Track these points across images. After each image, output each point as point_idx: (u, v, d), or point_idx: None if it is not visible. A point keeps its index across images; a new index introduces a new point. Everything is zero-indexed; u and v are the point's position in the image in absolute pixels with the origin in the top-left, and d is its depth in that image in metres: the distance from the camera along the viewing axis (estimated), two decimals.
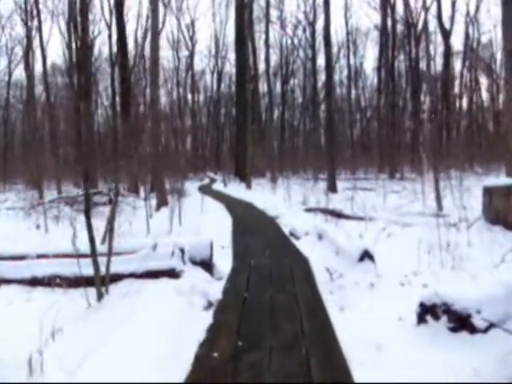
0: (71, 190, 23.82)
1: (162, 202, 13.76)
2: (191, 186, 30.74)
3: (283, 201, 15.96)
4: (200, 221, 11.42)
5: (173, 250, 5.65)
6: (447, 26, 31.05)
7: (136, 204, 15.94)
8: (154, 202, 15.35)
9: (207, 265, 6.24)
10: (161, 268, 5.49)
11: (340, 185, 21.06)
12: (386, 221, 9.86)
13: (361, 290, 5.50)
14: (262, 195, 18.97)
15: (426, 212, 10.33)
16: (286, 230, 9.96)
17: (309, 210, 12.86)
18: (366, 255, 6.33)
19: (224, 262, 7.01)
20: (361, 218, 10.65)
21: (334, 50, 45.77)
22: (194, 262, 6.19)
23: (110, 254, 5.09)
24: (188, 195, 20.87)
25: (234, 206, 15.60)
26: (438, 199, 10.87)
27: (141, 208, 14.84)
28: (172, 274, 5.51)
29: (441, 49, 44.78)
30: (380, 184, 23.11)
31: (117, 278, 5.41)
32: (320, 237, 8.21)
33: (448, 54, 29.79)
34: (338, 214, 11.22)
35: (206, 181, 38.59)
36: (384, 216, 10.42)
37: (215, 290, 5.41)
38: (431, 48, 44.17)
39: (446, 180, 19.72)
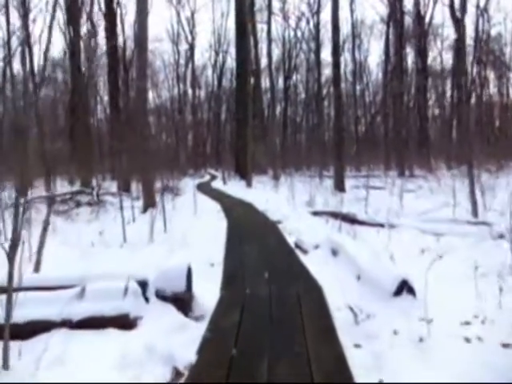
0: (62, 188, 22.03)
1: (149, 203, 11.90)
2: (190, 184, 28.82)
3: (286, 201, 14.07)
4: (190, 226, 9.55)
5: (126, 285, 3.76)
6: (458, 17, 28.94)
7: (125, 204, 14.10)
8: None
9: (181, 300, 4.35)
10: (106, 314, 3.60)
11: (347, 182, 19.15)
12: (413, 229, 7.97)
13: (404, 346, 3.62)
14: (263, 194, 17.06)
15: (460, 218, 8.40)
16: (291, 240, 8.07)
17: (316, 213, 10.97)
18: (405, 287, 4.45)
19: (210, 289, 5.15)
20: (380, 225, 8.75)
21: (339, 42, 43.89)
22: (164, 298, 4.31)
23: (10, 289, 3.16)
24: (184, 193, 19.04)
25: (232, 207, 13.72)
26: (474, 203, 8.93)
27: (128, 209, 13.01)
28: (124, 322, 3.63)
29: (447, 43, 42.90)
30: (390, 182, 21.26)
31: (41, 327, 3.55)
32: (335, 252, 6.31)
33: (463, 42, 27.67)
34: (351, 220, 9.32)
35: (207, 178, 36.72)
36: (408, 222, 8.51)
37: (188, 344, 3.55)
38: (438, 42, 42.20)
39: (461, 178, 17.80)
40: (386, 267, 4.88)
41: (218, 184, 26.07)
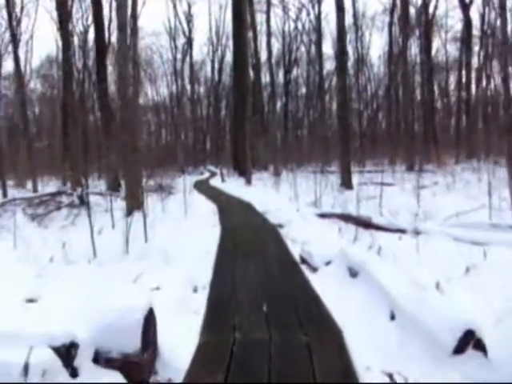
0: (52, 189, 20.62)
1: (134, 205, 10.38)
2: (187, 181, 27.34)
3: (289, 201, 12.54)
4: (177, 234, 8.04)
5: (26, 360, 2.24)
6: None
7: (112, 205, 12.59)
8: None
9: (135, 365, 2.85)
10: None
11: (352, 179, 17.53)
12: (443, 236, 6.43)
13: None
14: (264, 193, 15.54)
15: (501, 223, 6.84)
16: (295, 251, 6.56)
17: (323, 215, 9.42)
18: (470, 339, 2.93)
19: (185, 334, 3.67)
20: (401, 231, 7.23)
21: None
22: (108, 362, 2.80)
23: None
24: (178, 192, 17.50)
25: (229, 208, 12.21)
26: None
27: (115, 211, 11.52)
28: None
29: (449, 35, 41.15)
30: (399, 177, 19.68)
31: None
32: (353, 272, 4.79)
33: (469, 29, 26.04)
34: (366, 224, 7.79)
35: (206, 175, 35.20)
36: (436, 228, 6.97)
37: None
38: (442, 33, 40.41)
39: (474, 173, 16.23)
40: (434, 304, 3.35)
41: (216, 182, 24.53)
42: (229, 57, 43.71)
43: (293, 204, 11.89)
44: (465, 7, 25.24)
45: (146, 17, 66.86)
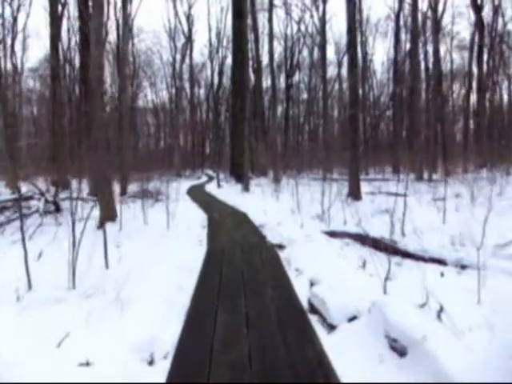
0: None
1: (106, 215, 8.55)
2: (181, 186, 25.51)
3: (291, 213, 10.70)
4: (150, 256, 6.21)
5: None
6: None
7: (90, 213, 10.75)
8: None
9: None
10: None
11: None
12: (505, 275, 4.60)
13: None
14: (262, 202, 13.69)
15: None
16: (301, 289, 4.74)
17: (333, 233, 7.56)
18: None
19: None
20: (439, 262, 5.40)
21: (343, 40, 40.45)
22: None
23: None
24: (168, 199, 15.63)
25: (221, 220, 10.37)
26: None
27: (90, 221, 9.70)
28: None
29: (455, 42, 39.44)
30: (410, 187, 17.85)
31: None
32: (399, 348, 2.94)
33: (481, 33, 24.27)
34: (391, 249, 5.94)
35: (203, 179, 33.40)
36: (488, 260, 5.12)
37: None
38: (447, 40, 38.66)
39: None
40: None
41: (212, 187, 22.67)
42: (230, 60, 42.04)
43: (295, 217, 10.05)
44: (477, 9, 23.52)
45: (146, 18, 65.32)
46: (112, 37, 37.07)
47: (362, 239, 6.81)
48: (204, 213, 11.92)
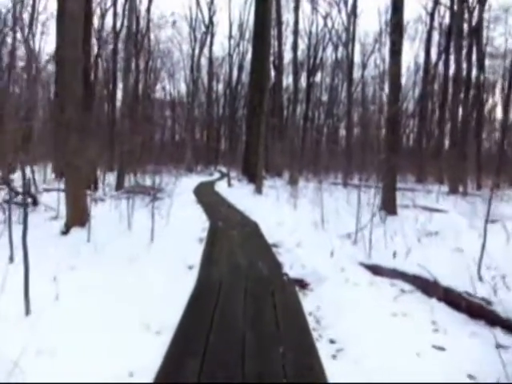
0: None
1: (74, 218, 6.36)
2: (191, 182, 23.28)
3: (313, 227, 8.37)
4: (107, 295, 3.98)
5: None
6: None
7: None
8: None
9: None
10: None
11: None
12: None
13: None
14: (277, 208, 11.41)
15: None
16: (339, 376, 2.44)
17: (377, 270, 5.20)
18: None
19: None
20: None
21: (369, 40, 37.82)
22: None
23: None
24: (170, 198, 13.40)
25: (225, 232, 8.10)
26: None
27: (60, 221, 7.53)
28: None
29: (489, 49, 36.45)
30: (445, 201, 15.34)
31: None
32: None
33: None
34: (477, 310, 3.62)
35: (215, 176, 31.22)
36: None
37: None
38: (473, 49, 35.88)
39: None
40: None
41: (222, 186, 20.42)
42: (250, 55, 39.71)
43: (319, 233, 7.73)
44: None
45: (167, 7, 63.39)
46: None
47: (425, 286, 4.47)
48: (207, 219, 9.66)
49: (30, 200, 9.61)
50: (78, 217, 6.41)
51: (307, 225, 8.57)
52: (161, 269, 4.99)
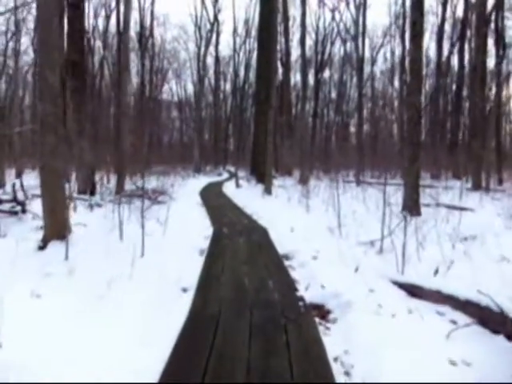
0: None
1: (53, 231, 5.40)
2: (198, 183, 22.36)
3: (329, 233, 7.31)
4: (62, 344, 2.98)
5: None
6: None
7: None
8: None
9: None
10: None
11: (399, 194, 11.77)
12: None
13: None
14: (288, 211, 10.36)
15: None
16: None
17: (414, 291, 4.14)
18: None
19: None
20: None
21: (379, 33, 36.44)
22: None
23: None
24: (174, 201, 12.41)
25: (229, 240, 7.07)
26: None
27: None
28: None
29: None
30: (468, 198, 14.10)
31: None
32: None
33: None
34: None
35: (223, 176, 30.26)
36: None
37: None
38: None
39: None
40: None
41: (230, 187, 19.41)
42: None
43: (336, 240, 6.66)
44: None
45: (173, 8, 62.61)
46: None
47: (484, 317, 3.38)
48: (211, 224, 8.65)
49: (19, 208, 8.74)
50: (56, 229, 5.43)
51: (322, 230, 7.51)
52: (145, 294, 3.98)
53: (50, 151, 5.31)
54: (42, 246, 5.48)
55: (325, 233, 7.28)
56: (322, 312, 3.87)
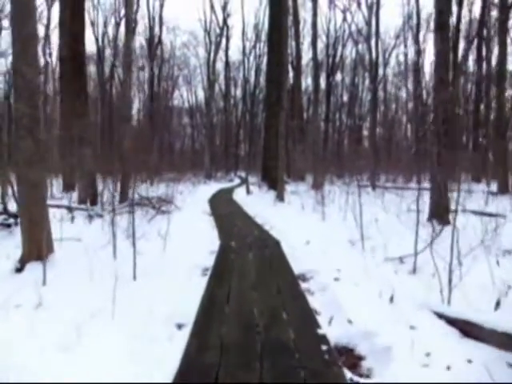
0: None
1: (30, 252, 4.61)
2: (208, 189, 21.58)
3: (349, 245, 6.40)
4: None
5: None
6: None
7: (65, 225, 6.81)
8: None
9: None
10: None
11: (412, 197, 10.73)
12: None
13: None
14: (302, 220, 9.46)
15: None
16: None
17: (466, 328, 3.23)
18: None
19: None
20: None
21: (391, 33, 35.42)
22: None
23: None
24: (179, 210, 11.61)
25: (237, 257, 6.21)
26: None
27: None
28: None
29: None
30: (498, 203, 13.01)
31: None
32: None
33: None
34: None
35: (235, 182, 29.47)
36: None
37: None
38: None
39: None
40: None
41: (240, 194, 18.56)
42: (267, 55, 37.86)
43: (360, 256, 5.74)
44: None
45: (183, 14, 62.43)
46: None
47: None
48: (218, 236, 7.81)
49: (12, 220, 8.01)
50: (35, 249, 4.63)
51: (342, 242, 6.59)
52: (128, 338, 3.12)
53: (25, 159, 4.52)
54: (20, 268, 4.69)
55: (345, 245, 6.37)
56: (352, 359, 2.98)
